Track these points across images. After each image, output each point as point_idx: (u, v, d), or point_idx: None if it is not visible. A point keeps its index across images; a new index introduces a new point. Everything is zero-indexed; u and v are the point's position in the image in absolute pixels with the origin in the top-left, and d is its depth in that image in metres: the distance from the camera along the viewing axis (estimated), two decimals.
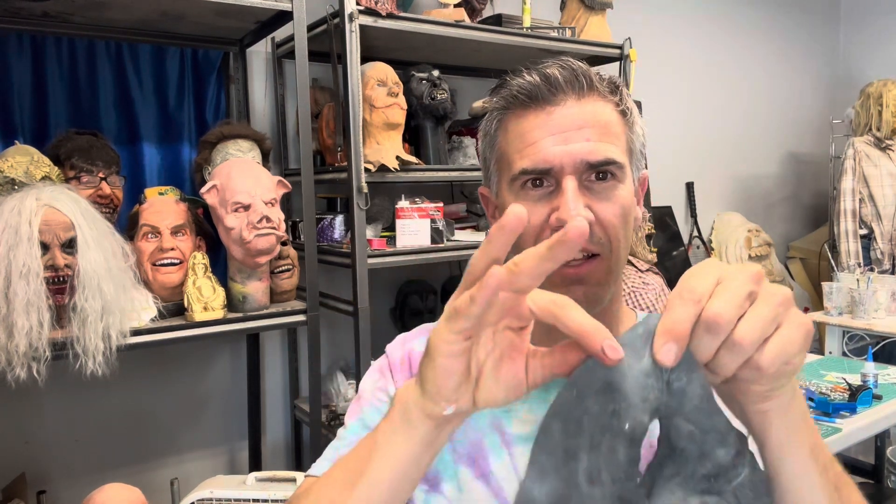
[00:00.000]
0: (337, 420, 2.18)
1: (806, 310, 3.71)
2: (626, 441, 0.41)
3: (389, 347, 0.85)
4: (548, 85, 0.71)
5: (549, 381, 0.46)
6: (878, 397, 2.03)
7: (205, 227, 1.87)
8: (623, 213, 0.71)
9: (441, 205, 2.16)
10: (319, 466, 0.74)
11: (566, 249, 0.40)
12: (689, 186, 3.72)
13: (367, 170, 1.95)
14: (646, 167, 0.80)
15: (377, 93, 2.01)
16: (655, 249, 2.60)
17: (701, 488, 0.43)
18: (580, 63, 0.74)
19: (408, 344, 0.83)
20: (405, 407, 0.50)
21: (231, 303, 1.79)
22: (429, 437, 0.49)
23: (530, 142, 0.71)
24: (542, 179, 0.71)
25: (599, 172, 0.70)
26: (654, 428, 0.46)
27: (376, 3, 1.92)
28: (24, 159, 1.60)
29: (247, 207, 1.69)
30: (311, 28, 1.98)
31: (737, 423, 0.49)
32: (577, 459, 0.41)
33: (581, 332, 0.42)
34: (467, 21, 2.23)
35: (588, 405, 0.42)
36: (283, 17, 1.86)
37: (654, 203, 3.36)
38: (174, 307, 1.72)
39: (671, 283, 2.45)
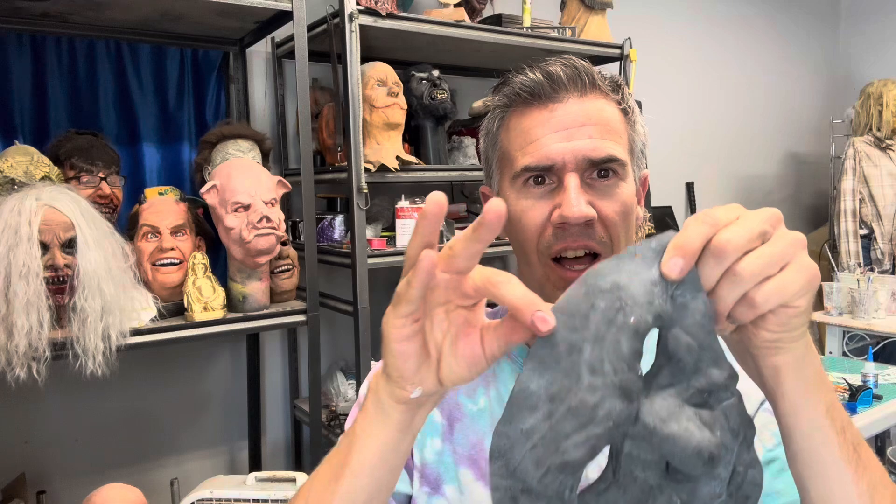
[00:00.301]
0: (337, 420, 2.18)
1: None
2: (630, 334, 0.42)
3: None
4: (550, 82, 0.71)
5: (506, 351, 0.47)
6: (879, 397, 2.03)
7: (205, 227, 1.87)
8: (624, 210, 0.71)
9: None
10: None
11: (487, 230, 0.42)
12: (689, 186, 3.72)
13: (367, 170, 1.95)
14: (646, 167, 0.80)
15: (377, 93, 2.01)
16: None
17: (694, 401, 0.44)
18: (583, 61, 0.74)
19: None
20: (377, 395, 0.50)
21: (231, 303, 1.79)
22: (403, 423, 0.50)
23: (533, 139, 0.71)
24: (545, 177, 0.71)
25: (601, 170, 0.71)
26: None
27: (376, 3, 1.92)
28: (24, 159, 1.60)
29: (247, 207, 1.69)
30: (311, 28, 1.98)
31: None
32: (580, 351, 0.42)
33: (514, 305, 0.43)
34: (467, 21, 2.23)
35: (595, 302, 0.43)
36: (283, 17, 1.86)
37: (654, 203, 3.36)
38: (174, 307, 1.72)
39: None
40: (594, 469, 0.50)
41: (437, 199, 0.43)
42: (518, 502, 0.43)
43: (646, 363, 0.44)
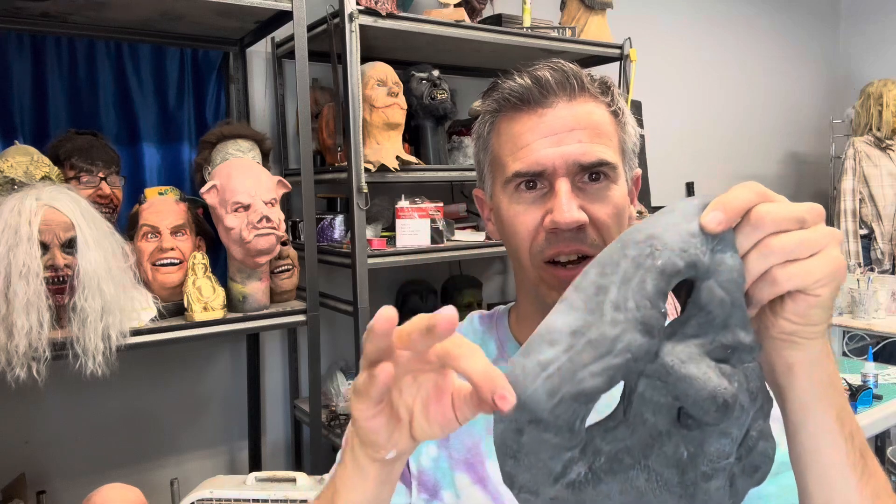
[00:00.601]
0: (337, 420, 2.18)
1: None
2: (656, 274, 0.43)
3: None
4: (539, 87, 0.71)
5: (476, 417, 0.47)
6: (879, 397, 2.03)
7: (205, 227, 1.87)
8: (617, 213, 0.72)
9: (441, 205, 2.16)
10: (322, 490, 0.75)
11: (438, 337, 0.42)
12: (689, 186, 3.72)
13: (367, 170, 1.95)
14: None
15: (377, 93, 2.01)
16: None
17: (717, 356, 0.44)
18: (571, 64, 0.74)
19: None
20: (353, 453, 0.51)
21: (231, 303, 1.79)
22: (381, 477, 0.51)
23: (523, 144, 0.71)
24: (536, 181, 0.71)
25: (592, 173, 0.71)
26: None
27: (376, 3, 1.92)
28: (24, 159, 1.60)
29: (247, 207, 1.69)
30: (311, 28, 1.98)
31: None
32: (606, 292, 0.43)
33: (474, 381, 0.42)
34: (467, 21, 2.23)
35: (627, 250, 0.44)
36: (283, 17, 1.86)
37: (654, 203, 3.35)
38: (174, 307, 1.72)
39: None
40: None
41: (387, 314, 0.42)
42: (523, 433, 0.43)
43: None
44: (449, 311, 0.42)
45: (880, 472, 0.52)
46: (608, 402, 0.46)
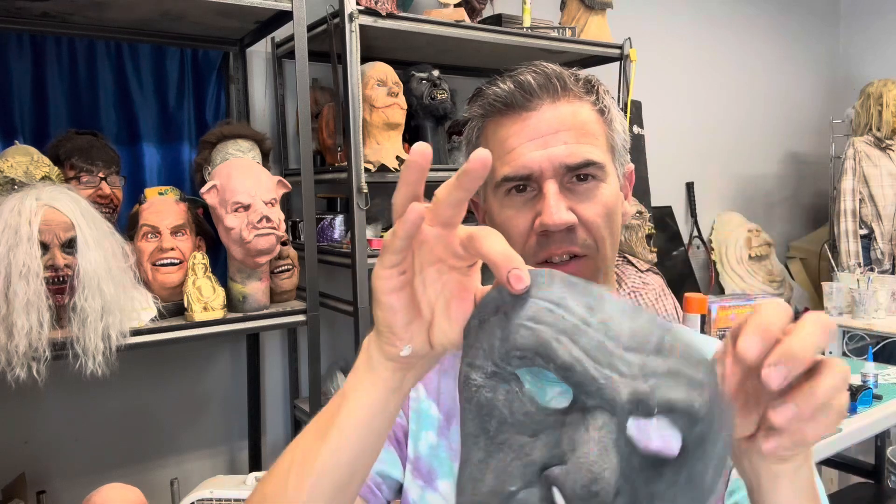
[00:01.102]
0: None
1: (806, 310, 3.70)
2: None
3: None
4: (522, 91, 0.72)
5: None
6: (878, 397, 2.03)
7: (205, 227, 1.87)
8: (606, 212, 0.72)
9: None
10: None
11: (470, 179, 0.42)
12: (689, 186, 3.72)
13: (367, 170, 1.95)
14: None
15: (377, 93, 2.01)
16: (655, 249, 2.60)
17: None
18: (554, 66, 0.74)
19: None
20: (368, 353, 0.50)
21: (231, 303, 1.79)
22: (392, 382, 0.50)
23: (509, 148, 0.72)
24: (525, 185, 0.72)
25: (580, 174, 0.71)
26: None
27: (376, 3, 1.92)
28: (24, 159, 1.60)
29: (247, 207, 1.69)
30: (311, 28, 1.98)
31: None
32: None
33: (492, 259, 0.43)
34: (467, 21, 2.23)
35: None
36: (283, 17, 1.86)
37: (654, 203, 3.36)
38: (174, 307, 1.72)
39: (671, 284, 2.45)
40: None
41: (422, 149, 0.43)
42: None
43: None
44: (482, 153, 0.41)
45: None
46: None
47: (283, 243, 1.90)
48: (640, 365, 0.41)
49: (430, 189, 0.42)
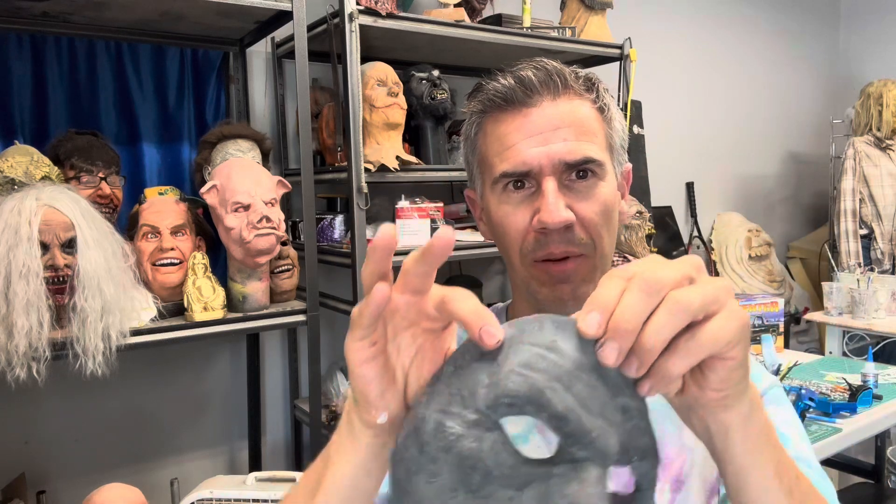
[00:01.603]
0: (336, 420, 2.17)
1: (806, 310, 3.71)
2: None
3: None
4: (522, 87, 0.72)
5: None
6: (879, 397, 2.03)
7: (205, 227, 1.87)
8: (604, 210, 0.72)
9: (441, 205, 2.16)
10: None
11: (433, 257, 0.42)
12: (689, 186, 3.72)
13: (367, 170, 1.95)
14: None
15: (377, 93, 2.01)
16: (655, 249, 2.61)
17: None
18: (555, 63, 0.74)
19: None
20: (349, 419, 0.51)
21: (231, 303, 1.79)
22: (373, 447, 0.50)
23: (508, 145, 0.72)
24: (523, 181, 0.72)
25: (579, 171, 0.71)
26: None
27: (376, 3, 1.92)
28: (24, 159, 1.60)
29: (247, 207, 1.69)
30: (311, 28, 1.98)
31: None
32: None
33: (464, 319, 0.42)
34: (467, 21, 2.23)
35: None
36: (283, 17, 1.86)
37: (654, 203, 3.36)
38: (174, 307, 1.72)
39: None
40: None
41: (388, 231, 0.43)
42: None
43: None
44: (446, 232, 0.41)
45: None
46: None
47: (283, 243, 1.90)
48: (623, 407, 0.40)
49: (430, 188, 0.42)
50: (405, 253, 1.84)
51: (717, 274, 3.69)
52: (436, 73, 2.22)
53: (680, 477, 0.70)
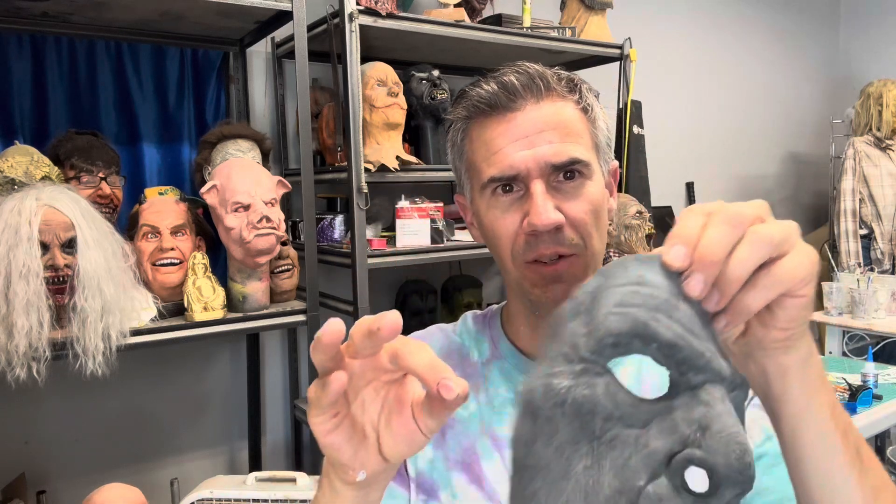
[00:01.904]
0: None
1: None
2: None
3: None
4: (505, 92, 0.72)
5: (443, 423, 0.46)
6: (878, 397, 2.03)
7: (205, 227, 1.87)
8: (593, 209, 0.72)
9: (441, 205, 2.16)
10: None
11: (380, 340, 0.43)
12: (689, 186, 3.72)
13: (367, 170, 1.95)
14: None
15: (377, 93, 2.01)
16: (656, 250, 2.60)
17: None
18: (537, 66, 0.75)
19: None
20: (329, 479, 0.51)
21: (231, 303, 1.79)
22: (357, 499, 0.50)
23: (495, 149, 0.72)
24: (511, 185, 0.72)
25: (566, 172, 0.72)
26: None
27: (376, 3, 1.92)
28: (24, 159, 1.60)
29: (247, 207, 1.69)
30: (311, 28, 1.98)
31: None
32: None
33: (419, 375, 0.43)
34: (467, 21, 2.23)
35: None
36: (283, 17, 1.86)
37: (654, 203, 3.35)
38: (174, 307, 1.72)
39: None
40: None
41: (334, 328, 0.43)
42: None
43: None
44: (393, 315, 0.42)
45: (876, 464, 0.51)
46: None
47: (283, 243, 1.90)
48: (714, 336, 0.40)
49: (430, 188, 0.42)
50: (405, 253, 1.85)
51: None
52: (436, 73, 2.22)
53: None
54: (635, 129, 2.69)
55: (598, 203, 0.73)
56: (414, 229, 2.06)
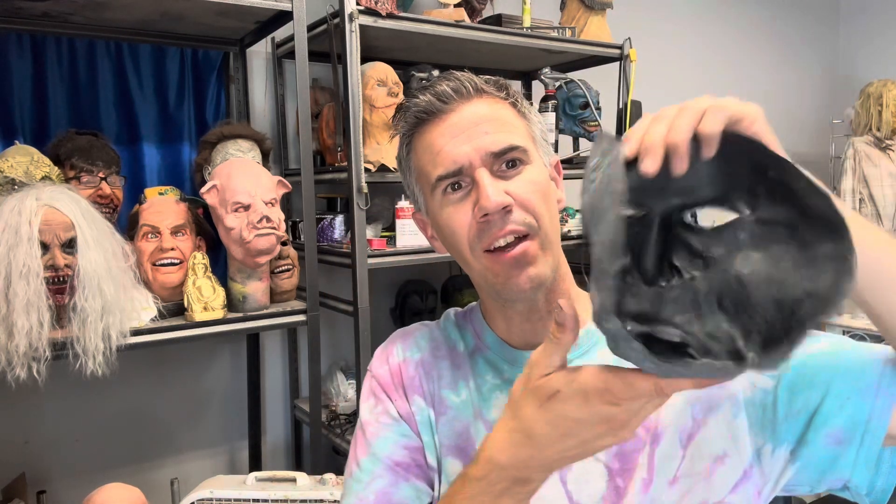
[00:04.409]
0: (337, 420, 2.18)
1: None
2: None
3: (373, 366, 0.87)
4: (438, 98, 0.77)
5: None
6: None
7: (205, 227, 1.87)
8: (539, 189, 0.75)
9: None
10: None
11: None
12: None
13: (367, 170, 1.95)
14: (555, 152, 0.85)
15: (377, 93, 2.01)
16: None
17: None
18: (466, 73, 0.80)
19: (391, 358, 0.86)
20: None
21: (231, 303, 1.79)
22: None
23: (437, 150, 0.76)
24: (459, 182, 0.76)
25: (507, 161, 0.75)
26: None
27: (376, 3, 1.92)
28: (24, 159, 1.60)
29: (247, 207, 1.69)
30: (311, 28, 1.98)
31: None
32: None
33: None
34: (467, 21, 2.23)
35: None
36: (283, 17, 1.86)
37: None
38: (174, 307, 1.72)
39: None
40: None
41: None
42: None
43: None
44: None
45: None
46: None
47: (283, 243, 1.90)
48: None
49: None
50: (405, 253, 1.85)
51: None
52: (436, 73, 2.22)
53: (657, 430, 0.73)
54: None
55: (543, 186, 0.76)
56: (414, 229, 2.06)
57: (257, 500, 1.61)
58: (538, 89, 2.59)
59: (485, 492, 0.59)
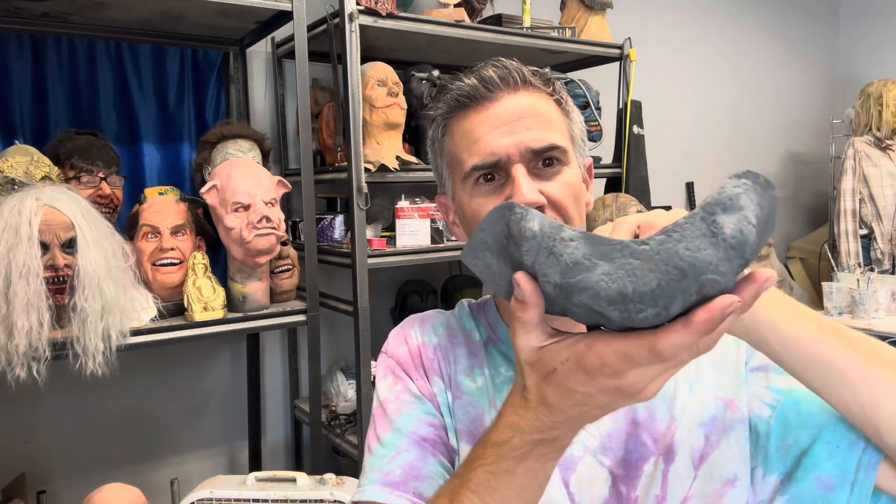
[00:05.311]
0: (337, 420, 2.18)
1: None
2: None
3: (389, 346, 0.85)
4: (484, 84, 0.75)
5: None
6: None
7: (205, 227, 1.87)
8: (573, 192, 0.74)
9: None
10: (368, 490, 0.72)
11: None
12: (689, 186, 3.72)
13: (367, 170, 1.95)
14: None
15: (377, 93, 2.01)
16: None
17: None
18: (513, 61, 0.78)
19: (409, 339, 0.84)
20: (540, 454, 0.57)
21: (231, 303, 1.79)
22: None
23: (476, 138, 0.74)
24: (493, 173, 0.74)
25: (545, 159, 0.74)
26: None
27: (376, 3, 1.92)
28: (24, 159, 1.60)
29: (247, 207, 1.69)
30: (311, 28, 1.98)
31: None
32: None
33: None
34: (467, 21, 2.23)
35: None
36: (283, 17, 1.86)
37: (654, 203, 3.35)
38: (174, 307, 1.72)
39: None
40: None
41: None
42: None
43: None
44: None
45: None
46: None
47: (283, 243, 1.90)
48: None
49: (430, 188, 0.42)
50: (405, 253, 1.85)
51: None
52: (436, 73, 2.22)
53: (672, 447, 0.72)
54: (635, 129, 2.68)
55: (576, 188, 0.75)
56: (414, 229, 2.06)
57: (257, 500, 1.61)
58: None
59: (506, 456, 0.56)
